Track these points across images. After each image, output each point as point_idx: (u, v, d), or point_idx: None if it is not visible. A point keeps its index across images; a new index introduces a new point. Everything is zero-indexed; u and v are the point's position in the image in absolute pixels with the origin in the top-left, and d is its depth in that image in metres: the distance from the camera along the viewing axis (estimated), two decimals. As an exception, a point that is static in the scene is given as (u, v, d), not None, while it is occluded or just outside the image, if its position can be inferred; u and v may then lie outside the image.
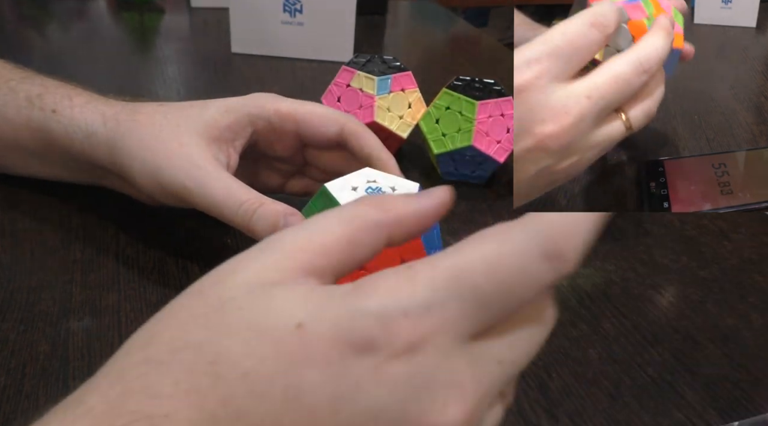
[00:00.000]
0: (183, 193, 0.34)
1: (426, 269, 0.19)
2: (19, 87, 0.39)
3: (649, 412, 0.31)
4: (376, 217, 0.20)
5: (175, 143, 0.34)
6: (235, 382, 0.17)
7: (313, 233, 0.20)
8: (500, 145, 0.46)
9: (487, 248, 0.19)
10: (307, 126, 0.37)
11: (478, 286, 0.18)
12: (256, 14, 0.71)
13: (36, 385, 0.30)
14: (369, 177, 0.32)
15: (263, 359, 0.18)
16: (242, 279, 0.19)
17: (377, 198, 0.21)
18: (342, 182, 0.31)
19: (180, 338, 0.18)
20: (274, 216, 0.31)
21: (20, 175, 0.42)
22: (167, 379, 0.18)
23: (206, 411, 0.17)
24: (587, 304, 0.38)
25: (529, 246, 0.18)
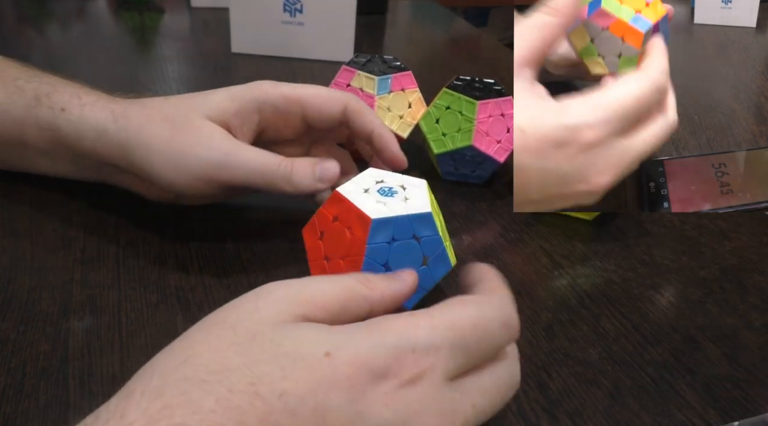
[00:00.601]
0: (214, 170, 0.35)
1: (426, 318, 0.24)
2: (27, 85, 0.39)
3: (649, 412, 0.31)
4: (365, 293, 0.25)
5: (193, 129, 0.35)
6: (272, 401, 0.20)
7: (316, 291, 0.24)
8: (500, 145, 0.46)
9: (470, 311, 0.24)
10: (312, 107, 0.38)
11: (464, 337, 0.24)
12: (256, 14, 0.71)
13: (36, 385, 0.30)
14: (376, 177, 0.32)
15: (297, 381, 0.21)
16: (261, 317, 0.23)
17: (367, 277, 0.26)
18: (352, 186, 0.31)
19: (217, 362, 0.21)
20: (311, 166, 0.35)
21: (28, 172, 0.42)
22: (209, 396, 0.20)
23: (245, 425, 0.20)
24: (587, 304, 0.38)
25: (495, 316, 0.25)
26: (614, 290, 0.40)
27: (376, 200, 0.30)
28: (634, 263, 0.43)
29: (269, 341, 0.22)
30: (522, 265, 0.41)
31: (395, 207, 0.29)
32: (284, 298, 0.24)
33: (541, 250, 0.43)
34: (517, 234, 0.45)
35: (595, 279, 0.41)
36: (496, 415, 0.30)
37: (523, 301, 0.38)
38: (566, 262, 0.42)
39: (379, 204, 0.30)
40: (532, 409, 0.31)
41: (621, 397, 0.32)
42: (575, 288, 0.40)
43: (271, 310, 0.23)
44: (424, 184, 0.32)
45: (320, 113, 0.38)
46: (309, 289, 0.24)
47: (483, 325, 0.24)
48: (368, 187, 0.31)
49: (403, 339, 0.22)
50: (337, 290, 0.25)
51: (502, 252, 0.43)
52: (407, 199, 0.31)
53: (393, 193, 0.31)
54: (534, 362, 0.34)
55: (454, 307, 0.25)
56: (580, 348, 0.35)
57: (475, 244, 0.43)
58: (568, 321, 0.37)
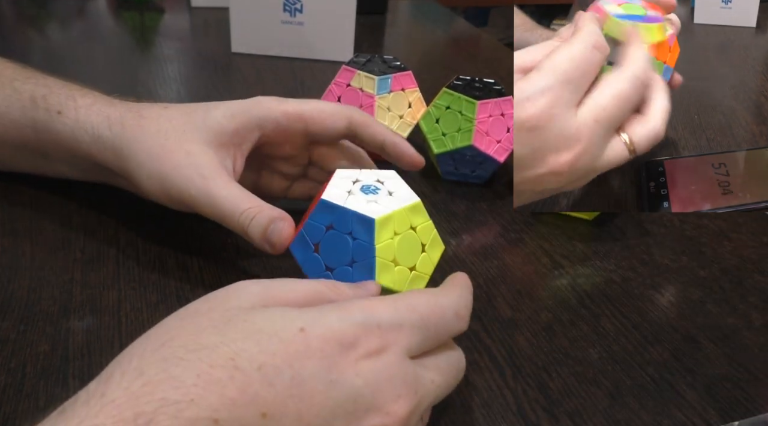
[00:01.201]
0: (189, 201, 0.34)
1: (389, 301, 0.26)
2: (24, 87, 0.39)
3: (649, 412, 0.31)
4: (331, 296, 0.27)
5: (182, 152, 0.35)
6: (251, 373, 0.21)
7: (285, 289, 0.26)
8: (500, 145, 0.46)
9: (428, 298, 0.27)
10: (315, 123, 0.38)
11: (422, 319, 0.26)
12: (256, 14, 0.71)
13: (36, 385, 0.30)
14: (351, 177, 0.32)
15: (274, 354, 0.22)
16: (233, 306, 0.24)
17: (335, 284, 0.28)
18: (336, 191, 0.31)
19: (194, 342, 0.22)
20: (267, 221, 0.33)
21: (26, 173, 0.42)
22: (189, 372, 0.21)
23: (226, 397, 0.21)
24: (587, 304, 0.38)
25: (450, 305, 0.27)
26: (614, 290, 0.40)
27: (366, 201, 0.30)
28: (634, 263, 0.43)
29: (243, 321, 0.23)
30: (522, 265, 0.41)
31: (389, 203, 0.30)
32: (254, 293, 0.25)
33: (541, 250, 0.43)
34: (517, 234, 0.45)
35: (595, 279, 0.41)
36: (496, 415, 0.30)
37: (523, 301, 0.38)
38: (566, 262, 0.42)
39: (371, 203, 0.30)
40: (532, 409, 0.31)
41: (621, 396, 0.32)
42: (575, 288, 0.40)
43: (242, 301, 0.25)
44: (393, 173, 0.33)
45: (324, 129, 0.38)
46: (278, 286, 0.26)
47: (439, 312, 0.26)
48: (350, 189, 0.31)
49: (370, 316, 0.24)
50: (306, 290, 0.26)
51: (502, 252, 0.43)
52: (391, 193, 0.31)
53: (376, 190, 0.31)
54: (534, 362, 0.34)
55: (413, 294, 0.27)
56: (580, 348, 0.35)
57: (475, 244, 0.43)
58: (568, 321, 0.37)
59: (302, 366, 0.22)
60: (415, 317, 0.26)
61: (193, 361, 0.21)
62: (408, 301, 0.26)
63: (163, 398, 0.20)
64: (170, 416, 0.20)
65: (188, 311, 0.25)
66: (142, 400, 0.20)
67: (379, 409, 0.24)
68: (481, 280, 0.40)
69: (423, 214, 0.32)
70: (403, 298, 0.26)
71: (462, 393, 0.31)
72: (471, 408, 0.31)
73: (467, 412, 0.31)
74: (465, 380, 0.32)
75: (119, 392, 0.20)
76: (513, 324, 0.36)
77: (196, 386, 0.21)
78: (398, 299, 0.26)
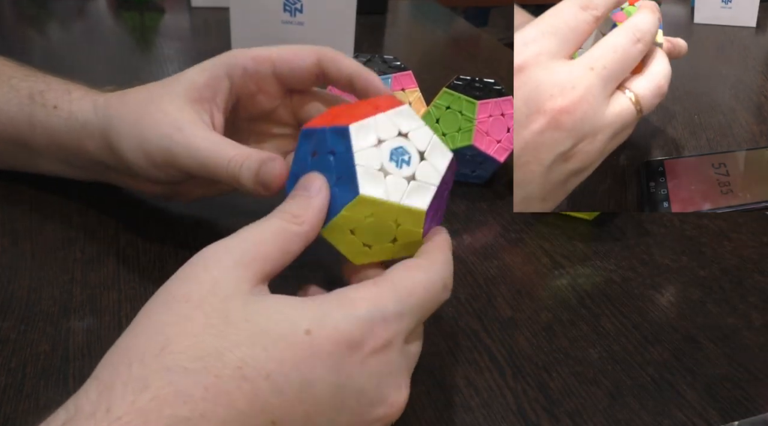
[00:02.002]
0: (172, 159, 0.33)
1: (390, 286, 0.25)
2: (21, 84, 0.39)
3: (649, 412, 0.31)
4: (296, 230, 0.26)
5: (159, 113, 0.34)
6: (259, 382, 0.21)
7: (257, 246, 0.25)
8: (500, 145, 0.46)
9: (422, 276, 0.26)
10: (283, 63, 0.36)
11: (420, 302, 0.25)
12: (256, 14, 0.71)
13: (36, 385, 0.30)
14: (402, 126, 0.28)
15: (282, 361, 0.22)
16: (226, 294, 0.23)
17: (289, 211, 0.26)
18: (366, 129, 0.27)
19: (196, 347, 0.21)
20: (257, 163, 0.31)
21: (24, 171, 0.42)
22: (197, 385, 0.20)
23: (235, 409, 0.20)
24: (587, 304, 0.38)
25: (440, 279, 0.27)
26: (614, 290, 0.40)
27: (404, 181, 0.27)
28: (634, 263, 0.43)
29: (244, 321, 0.22)
30: (522, 265, 0.41)
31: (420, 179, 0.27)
32: (235, 265, 0.24)
33: (541, 250, 0.43)
34: (517, 234, 0.45)
35: (595, 279, 0.41)
36: (496, 415, 0.30)
37: (523, 301, 0.38)
38: (566, 262, 0.42)
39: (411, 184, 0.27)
40: (532, 408, 0.31)
41: (621, 396, 0.32)
42: (575, 288, 0.40)
43: (230, 282, 0.23)
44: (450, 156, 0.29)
45: (292, 69, 0.36)
46: (249, 245, 0.25)
47: (432, 289, 0.26)
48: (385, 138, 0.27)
49: (374, 310, 0.24)
50: (273, 237, 0.25)
51: (502, 252, 0.43)
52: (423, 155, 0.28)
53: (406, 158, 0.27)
54: (534, 362, 0.34)
55: (409, 272, 0.26)
56: (580, 348, 0.35)
57: (475, 244, 0.43)
58: (568, 321, 0.37)
59: (310, 371, 0.22)
60: (414, 301, 0.25)
61: (199, 372, 0.21)
62: (405, 283, 0.25)
63: (173, 415, 0.20)
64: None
65: (176, 297, 0.23)
66: (150, 417, 0.19)
67: (383, 401, 0.24)
68: (481, 280, 0.40)
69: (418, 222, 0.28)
70: (400, 280, 0.25)
71: (462, 393, 0.31)
72: (471, 408, 0.31)
73: (467, 412, 0.31)
74: (465, 380, 0.32)
75: (125, 407, 0.19)
76: (513, 324, 0.36)
77: (204, 400, 0.20)
78: (396, 282, 0.25)
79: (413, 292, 0.25)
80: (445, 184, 0.29)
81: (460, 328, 0.36)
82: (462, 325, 0.36)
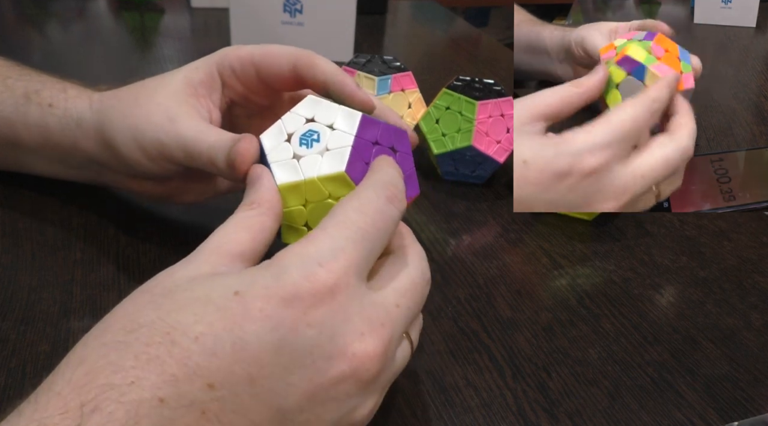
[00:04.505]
0: (162, 149, 0.33)
1: (319, 230, 0.24)
2: (17, 84, 0.39)
3: (649, 412, 0.31)
4: (255, 212, 0.26)
5: (153, 104, 0.34)
6: (189, 345, 0.21)
7: (224, 234, 0.25)
8: (500, 145, 0.46)
9: (352, 203, 0.25)
10: (264, 66, 0.35)
11: (360, 228, 0.24)
12: (256, 14, 0.71)
13: (36, 385, 0.30)
14: (307, 114, 0.29)
15: (211, 323, 0.21)
16: (181, 275, 0.23)
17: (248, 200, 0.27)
18: (276, 131, 0.29)
19: (132, 321, 0.21)
20: (229, 143, 0.30)
21: (19, 172, 0.42)
22: (128, 354, 0.20)
23: (167, 373, 0.20)
24: (587, 304, 0.39)
25: (378, 195, 0.25)
26: (614, 290, 0.40)
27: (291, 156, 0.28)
28: (633, 263, 0.43)
29: (183, 291, 0.22)
30: (522, 265, 0.41)
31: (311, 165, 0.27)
32: (196, 255, 0.24)
33: (541, 250, 0.43)
34: (517, 234, 0.45)
35: (595, 279, 0.41)
36: (496, 415, 0.30)
37: (522, 302, 0.38)
38: (566, 262, 0.42)
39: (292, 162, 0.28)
40: (532, 409, 0.31)
41: (621, 397, 0.32)
42: (575, 288, 0.40)
43: (187, 268, 0.24)
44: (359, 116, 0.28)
45: (271, 73, 0.35)
46: (214, 240, 0.25)
47: (370, 209, 0.24)
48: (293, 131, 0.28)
49: (305, 258, 0.23)
50: (236, 225, 0.25)
51: (502, 252, 0.43)
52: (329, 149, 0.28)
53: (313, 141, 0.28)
54: (534, 362, 0.34)
55: (336, 209, 0.25)
56: (580, 348, 0.35)
57: (475, 244, 0.43)
58: (568, 321, 0.37)
59: (243, 330, 0.21)
60: (352, 231, 0.24)
61: (131, 343, 0.21)
62: (335, 218, 0.24)
63: (105, 384, 0.20)
64: (114, 401, 0.19)
65: (132, 294, 0.24)
66: (84, 389, 0.20)
67: (341, 353, 0.22)
68: (481, 280, 0.40)
69: (347, 185, 0.27)
70: (329, 218, 0.24)
71: (462, 393, 0.32)
72: (471, 408, 0.31)
73: (467, 412, 0.31)
74: (465, 380, 0.32)
75: (63, 383, 0.20)
76: (513, 324, 0.36)
77: (134, 368, 0.20)
78: (325, 223, 0.24)
79: (347, 221, 0.24)
80: (374, 144, 0.28)
81: (460, 328, 0.36)
82: (462, 325, 0.36)
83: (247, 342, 0.21)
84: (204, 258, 0.24)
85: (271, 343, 0.21)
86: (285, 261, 0.23)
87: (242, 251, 0.25)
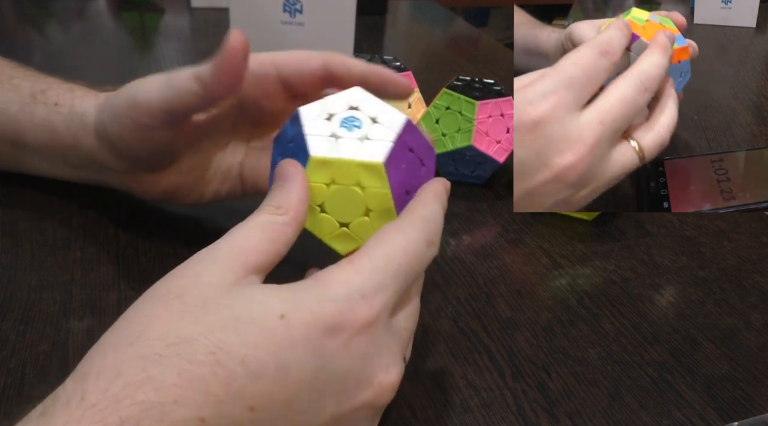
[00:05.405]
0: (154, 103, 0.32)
1: (365, 261, 0.24)
2: (23, 83, 0.39)
3: (649, 412, 0.31)
4: (281, 220, 0.25)
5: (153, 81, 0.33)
6: (234, 368, 0.21)
7: (243, 239, 0.24)
8: (500, 145, 0.46)
9: (398, 238, 0.25)
10: (288, 67, 0.35)
11: (400, 267, 0.24)
12: (256, 14, 0.71)
13: (36, 385, 0.30)
14: (352, 102, 0.28)
15: (256, 346, 0.21)
16: (207, 282, 0.23)
17: (271, 204, 0.26)
18: (319, 107, 0.27)
19: (171, 334, 0.21)
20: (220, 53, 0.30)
21: (23, 172, 0.42)
22: (170, 370, 0.20)
23: (211, 394, 0.20)
24: (587, 305, 0.39)
25: (420, 236, 0.25)
26: (614, 290, 0.40)
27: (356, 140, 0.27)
28: (633, 263, 0.43)
29: (222, 307, 0.22)
30: (522, 265, 0.41)
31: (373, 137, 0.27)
32: (219, 260, 0.24)
33: (541, 250, 0.43)
34: (517, 234, 0.45)
35: (595, 279, 0.41)
36: (496, 415, 0.30)
37: (522, 302, 0.38)
38: (566, 262, 0.42)
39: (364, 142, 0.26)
40: (532, 409, 0.31)
41: (621, 397, 0.32)
42: (575, 288, 0.40)
43: (213, 274, 0.23)
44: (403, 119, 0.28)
45: (297, 71, 0.35)
46: (235, 241, 0.24)
47: (413, 250, 0.25)
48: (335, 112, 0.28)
49: (351, 288, 0.23)
50: (259, 230, 0.25)
51: (502, 252, 0.43)
52: (375, 120, 0.27)
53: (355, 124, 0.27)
54: (534, 362, 0.34)
55: (385, 237, 0.25)
56: (580, 348, 0.35)
57: (475, 244, 0.43)
58: (568, 321, 0.37)
59: (287, 356, 0.21)
60: (393, 268, 0.24)
61: (172, 358, 0.20)
62: (381, 251, 0.24)
63: (146, 401, 0.19)
64: (156, 420, 0.19)
65: (157, 293, 0.23)
66: (124, 404, 0.19)
67: (369, 383, 0.23)
68: (481, 280, 0.40)
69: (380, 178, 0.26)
70: (375, 249, 0.24)
71: (462, 393, 0.32)
72: (471, 408, 0.31)
73: (467, 412, 0.31)
74: (465, 380, 0.32)
75: (99, 394, 0.19)
76: (513, 324, 0.36)
77: (177, 386, 0.20)
78: (372, 253, 0.24)
79: (392, 257, 0.24)
80: (409, 151, 0.28)
81: (460, 328, 0.36)
82: (462, 325, 0.36)
83: (290, 367, 0.22)
84: (227, 264, 0.24)
85: (312, 369, 0.22)
86: (331, 288, 0.23)
87: (261, 262, 0.24)
